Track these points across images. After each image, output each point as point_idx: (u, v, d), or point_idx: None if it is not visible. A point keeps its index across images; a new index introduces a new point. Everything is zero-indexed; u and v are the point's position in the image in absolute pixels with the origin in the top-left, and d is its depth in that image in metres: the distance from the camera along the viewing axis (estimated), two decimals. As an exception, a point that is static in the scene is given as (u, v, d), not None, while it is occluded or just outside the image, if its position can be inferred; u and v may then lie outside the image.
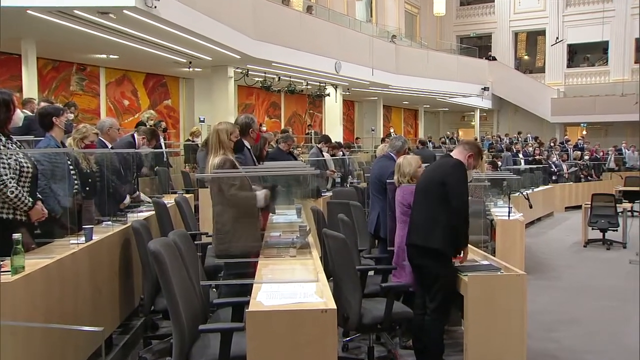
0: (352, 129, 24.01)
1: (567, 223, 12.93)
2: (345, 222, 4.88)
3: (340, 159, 10.56)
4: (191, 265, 3.43)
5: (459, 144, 4.24)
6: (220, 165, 4.07)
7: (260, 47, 12.66)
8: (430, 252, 3.93)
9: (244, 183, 4.11)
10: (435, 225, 3.91)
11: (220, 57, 12.16)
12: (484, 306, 3.72)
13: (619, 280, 7.58)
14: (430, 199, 3.98)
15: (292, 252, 4.07)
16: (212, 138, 4.25)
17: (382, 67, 18.12)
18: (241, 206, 4.05)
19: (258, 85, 15.53)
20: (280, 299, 2.93)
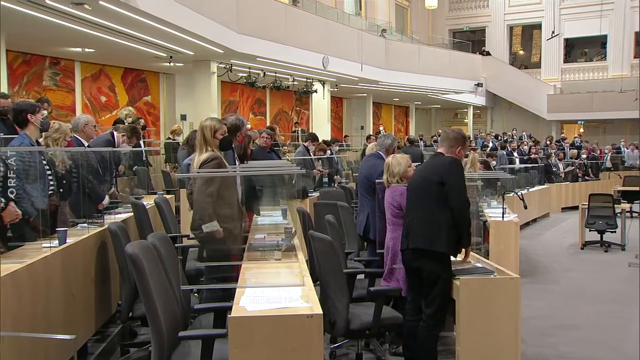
0: (341, 127, 24.05)
1: (563, 224, 13.02)
2: (332, 224, 4.89)
3: (328, 158, 10.57)
4: (171, 269, 3.42)
5: (441, 141, 4.25)
6: (206, 161, 4.08)
7: (244, 41, 12.63)
8: (434, 254, 3.94)
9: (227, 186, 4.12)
10: (440, 228, 3.91)
11: (203, 51, 12.13)
12: (476, 311, 3.75)
13: (617, 284, 7.64)
14: (429, 201, 3.98)
15: (277, 255, 4.08)
16: (197, 136, 4.25)
17: (371, 62, 18.16)
18: (200, 214, 4.07)
19: (242, 81, 15.51)
20: (264, 303, 2.93)
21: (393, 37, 22.65)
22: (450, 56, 22.90)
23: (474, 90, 23.79)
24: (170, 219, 6.07)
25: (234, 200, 4.25)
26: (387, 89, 20.65)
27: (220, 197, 4.15)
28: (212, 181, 4.07)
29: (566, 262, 9.01)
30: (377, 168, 5.30)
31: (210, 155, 4.13)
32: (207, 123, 4.30)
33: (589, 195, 10.26)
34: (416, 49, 21.66)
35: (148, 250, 3.14)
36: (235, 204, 4.24)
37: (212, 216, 4.08)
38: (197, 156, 4.20)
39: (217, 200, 4.12)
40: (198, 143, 4.25)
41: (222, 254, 4.11)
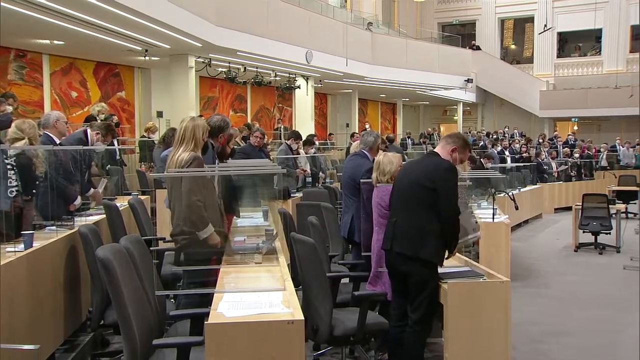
0: (325, 124, 24.08)
1: (556, 226, 13.14)
2: (315, 226, 4.90)
3: (311, 157, 10.59)
4: (145, 273, 3.41)
5: (441, 139, 4.26)
6: (189, 162, 4.06)
7: (223, 34, 12.59)
8: (420, 260, 3.95)
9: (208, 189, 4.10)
10: (426, 235, 3.92)
11: (180, 45, 12.07)
12: (465, 316, 3.77)
13: (612, 288, 7.73)
14: (418, 205, 3.99)
15: (257, 259, 4.08)
16: (184, 132, 4.20)
17: (357, 57, 18.19)
18: (193, 220, 4.04)
19: (222, 76, 15.44)
20: (243, 309, 2.94)
21: (380, 30, 22.69)
22: (439, 51, 22.99)
23: (464, 86, 23.90)
24: (145, 221, 6.04)
25: (215, 202, 4.23)
26: (374, 84, 20.69)
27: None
28: (201, 183, 4.04)
29: (559, 265, 9.10)
30: (361, 168, 5.31)
31: (193, 155, 4.10)
32: (201, 123, 4.28)
33: (583, 196, 10.32)
34: (404, 43, 21.73)
35: (121, 254, 3.13)
36: (215, 206, 4.23)
37: (207, 220, 4.06)
38: (177, 154, 4.16)
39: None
40: (182, 140, 4.20)
41: (200, 258, 4.10)
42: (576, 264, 9.19)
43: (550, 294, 7.39)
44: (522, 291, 7.23)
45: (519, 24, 30.29)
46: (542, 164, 15.69)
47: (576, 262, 9.33)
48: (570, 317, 6.38)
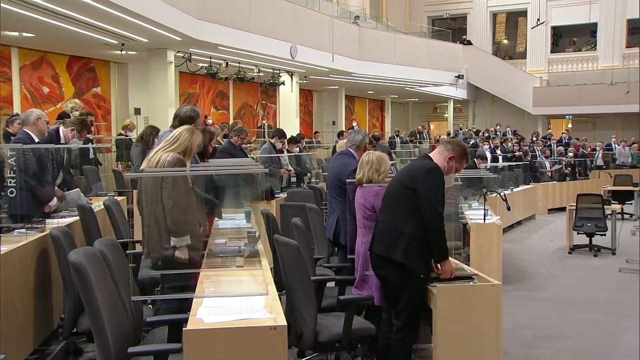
0: (311, 122, 24.09)
1: (550, 227, 13.23)
2: (299, 227, 4.90)
3: (296, 156, 10.59)
4: (121, 278, 3.39)
5: (440, 143, 4.25)
6: (172, 164, 4.03)
7: (204, 27, 12.56)
8: (394, 263, 3.97)
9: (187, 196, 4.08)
10: (399, 235, 3.93)
11: (158, 38, 12.02)
12: (455, 320, 3.79)
13: (607, 291, 7.78)
14: (396, 204, 4.03)
15: (239, 262, 4.08)
16: (180, 138, 4.17)
17: (343, 52, 18.21)
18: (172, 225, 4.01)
19: (202, 72, 15.40)
20: (224, 315, 2.94)
21: (367, 24, 22.73)
22: (429, 45, 23.07)
23: (455, 83, 24.00)
24: (122, 223, 6.01)
25: (193, 205, 4.22)
26: (361, 81, 20.73)
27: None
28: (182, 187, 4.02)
29: (552, 268, 9.16)
30: (347, 167, 5.32)
31: (176, 157, 4.07)
32: (199, 139, 4.29)
33: (577, 196, 10.38)
34: (392, 38, 21.78)
35: (94, 257, 3.11)
36: (194, 210, 4.21)
37: (186, 229, 4.01)
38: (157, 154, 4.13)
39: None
40: (174, 142, 4.16)
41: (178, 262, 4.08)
42: (570, 267, 9.26)
43: (543, 297, 7.44)
44: (514, 294, 7.27)
45: (511, 17, 30.47)
46: (535, 163, 15.78)
47: (570, 265, 9.40)
48: (564, 321, 6.43)
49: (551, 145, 18.75)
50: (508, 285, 7.50)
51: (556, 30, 29.13)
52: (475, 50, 27.60)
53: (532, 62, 28.72)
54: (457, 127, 25.37)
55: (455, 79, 23.70)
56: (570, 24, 28.37)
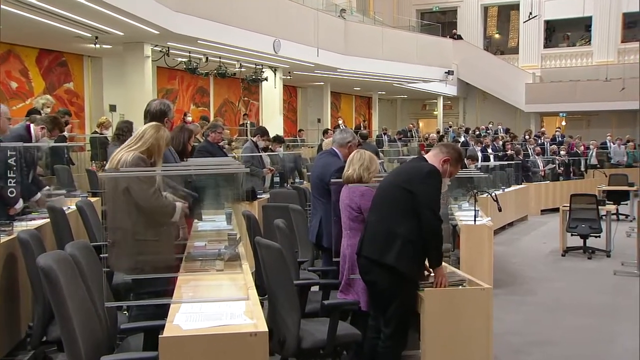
0: (295, 120, 24.09)
1: (542, 228, 13.32)
2: (282, 229, 4.89)
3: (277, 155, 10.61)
4: (94, 283, 3.37)
5: (435, 146, 4.27)
6: (133, 165, 4.01)
7: (183, 20, 12.52)
8: (386, 267, 3.97)
9: None
10: (393, 238, 3.94)
11: (134, 31, 11.97)
12: (443, 326, 3.81)
13: (602, 295, 7.83)
14: (393, 207, 4.02)
15: (218, 265, 4.07)
16: (145, 135, 4.15)
17: (329, 46, 18.23)
18: (154, 216, 4.03)
19: (181, 67, 15.37)
20: (202, 321, 2.93)
21: (353, 18, 22.76)
22: (418, 40, 23.16)
23: (444, 79, 24.12)
24: (95, 225, 5.95)
25: None
26: (347, 76, 20.75)
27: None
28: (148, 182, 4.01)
29: (545, 271, 9.22)
30: (330, 167, 5.32)
31: (138, 157, 4.05)
32: (165, 135, 4.26)
33: (571, 196, 10.43)
34: (379, 32, 21.83)
35: (66, 261, 3.08)
36: None
37: (171, 206, 4.10)
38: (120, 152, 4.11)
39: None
40: (139, 140, 4.15)
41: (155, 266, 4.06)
42: (563, 269, 9.31)
43: (535, 301, 7.47)
44: (505, 299, 7.31)
45: (503, 11, 30.63)
46: (527, 162, 15.86)
47: (563, 267, 9.46)
48: (556, 326, 6.46)
49: (544, 144, 18.86)
50: (499, 289, 7.54)
51: (549, 25, 29.28)
52: (466, 45, 27.71)
53: (524, 58, 28.85)
54: (447, 124, 25.43)
55: (445, 75, 23.81)
56: (564, 18, 28.54)
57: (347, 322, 4.55)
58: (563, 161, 17.40)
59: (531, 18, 25.31)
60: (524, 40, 29.00)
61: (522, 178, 15.26)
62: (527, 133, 20.93)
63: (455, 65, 25.89)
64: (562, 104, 25.96)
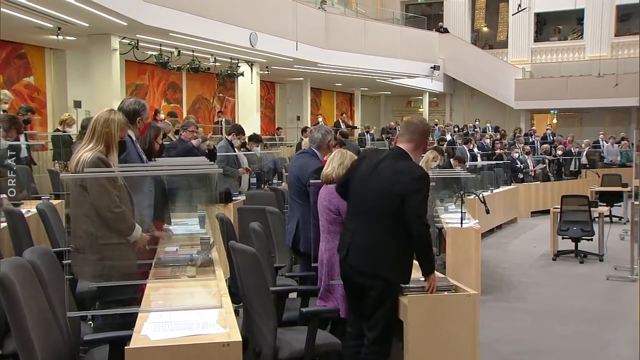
0: (273, 117, 24.07)
1: (533, 231, 13.41)
2: (258, 233, 4.88)
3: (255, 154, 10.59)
4: (55, 292, 3.33)
5: (409, 133, 4.15)
6: (91, 166, 3.98)
7: (152, 11, 12.44)
8: (378, 277, 3.99)
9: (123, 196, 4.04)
10: (391, 250, 3.96)
11: (100, 22, 11.88)
12: (427, 334, 3.81)
13: (594, 301, 7.91)
14: (384, 216, 3.99)
15: (190, 272, 4.07)
16: (96, 126, 4.13)
17: (308, 40, 18.22)
18: (113, 229, 4.03)
19: (152, 60, 15.28)
20: (172, 331, 2.93)
21: (335, 10, 22.80)
22: (402, 33, 23.23)
23: (430, 74, 24.19)
24: (58, 229, 5.90)
25: (129, 204, 4.17)
26: (328, 72, 20.76)
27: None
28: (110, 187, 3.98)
29: (535, 276, 9.29)
30: (308, 168, 5.32)
31: (96, 157, 4.01)
32: (117, 118, 4.20)
33: (562, 197, 10.52)
34: (362, 25, 21.86)
35: (24, 269, 3.05)
36: (130, 207, 4.16)
37: (132, 223, 4.07)
38: (82, 151, 4.08)
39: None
40: (92, 135, 4.12)
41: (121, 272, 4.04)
42: (554, 274, 9.39)
43: (525, 308, 7.52)
44: (493, 305, 7.34)
45: (492, 3, 30.80)
46: (515, 162, 15.93)
47: (554, 272, 9.53)
48: (547, 334, 6.50)
49: (534, 143, 18.98)
50: (487, 295, 7.59)
51: (540, 17, 29.45)
52: (453, 38, 27.82)
53: (514, 52, 29.02)
54: (433, 122, 25.52)
55: (430, 70, 23.88)
56: (554, 11, 28.70)
57: (326, 330, 4.55)
58: (555, 161, 17.48)
59: (520, 10, 25.50)
60: (513, 34, 29.14)
61: (512, 179, 15.34)
62: (516, 131, 21.04)
63: (442, 60, 26.00)
64: (553, 101, 26.10)
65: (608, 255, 10.15)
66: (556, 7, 28.36)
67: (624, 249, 9.80)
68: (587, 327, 6.73)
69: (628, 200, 13.66)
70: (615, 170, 17.55)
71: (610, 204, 13.70)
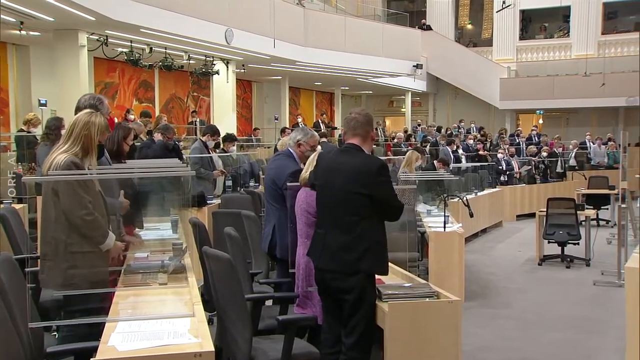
0: (250, 117, 24.03)
1: (518, 235, 13.52)
2: (233, 238, 4.85)
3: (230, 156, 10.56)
4: (17, 301, 3.30)
5: (352, 129, 4.23)
6: (65, 169, 3.94)
7: (122, 6, 12.36)
8: (358, 274, 4.02)
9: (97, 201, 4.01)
10: (366, 246, 4.02)
11: (67, 17, 11.79)
12: (408, 342, 3.82)
13: (581, 307, 7.98)
14: (354, 215, 4.04)
15: (161, 279, 4.05)
16: (75, 127, 4.08)
17: (287, 37, 18.21)
18: (85, 236, 3.99)
19: (122, 58, 15.18)
20: (141, 341, 2.92)
21: (314, 6, 22.82)
22: (384, 31, 23.28)
23: (413, 73, 24.26)
24: (20, 235, 5.84)
25: (103, 211, 4.14)
26: (307, 70, 20.77)
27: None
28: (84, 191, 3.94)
29: (521, 281, 9.34)
30: (285, 170, 5.32)
31: (69, 161, 3.98)
32: (98, 120, 4.17)
33: (548, 200, 10.60)
34: (342, 22, 21.89)
35: (-17, 276, 3.01)
36: (104, 214, 4.13)
37: (105, 230, 4.05)
38: (55, 153, 4.04)
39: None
40: (69, 136, 4.07)
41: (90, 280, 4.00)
42: (540, 280, 9.45)
43: (510, 314, 7.55)
44: (477, 312, 7.36)
45: (476, 0, 31.00)
46: (500, 163, 16.01)
47: (540, 278, 9.60)
48: (533, 341, 6.55)
49: (520, 144, 19.09)
50: (471, 301, 7.62)
51: (525, 15, 29.63)
52: (436, 36, 27.93)
53: (499, 50, 29.18)
54: (416, 123, 25.62)
55: (413, 68, 23.95)
56: (540, 8, 28.88)
57: (304, 339, 4.54)
58: (540, 162, 17.58)
59: (505, 7, 25.62)
60: (498, 32, 29.29)
61: (496, 181, 15.42)
62: (501, 132, 21.14)
63: (425, 59, 26.08)
64: (539, 101, 26.21)
65: (595, 259, 10.25)
66: (542, 4, 28.55)
67: (611, 253, 9.93)
68: (573, 334, 6.78)
69: (615, 203, 13.81)
70: (603, 172, 17.70)
71: (597, 206, 13.83)
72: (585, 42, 27.30)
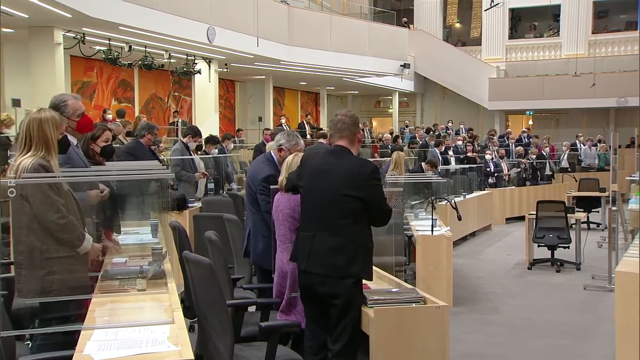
0: (233, 118, 23.99)
1: (507, 239, 13.56)
2: (214, 242, 4.84)
3: (214, 158, 10.52)
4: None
5: (338, 131, 4.26)
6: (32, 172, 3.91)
7: (100, 2, 12.30)
8: (348, 279, 4.04)
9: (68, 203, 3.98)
10: (355, 251, 4.06)
11: (41, 14, 11.73)
12: (394, 348, 3.82)
13: (571, 312, 8.01)
14: (344, 218, 4.06)
15: (140, 285, 4.05)
16: (29, 130, 4.05)
17: (270, 36, 18.20)
18: (60, 241, 3.96)
19: (100, 56, 15.11)
20: (118, 349, 2.91)
21: (298, 3, 22.83)
22: (371, 29, 23.31)
23: (400, 73, 24.31)
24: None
25: (77, 213, 4.11)
26: (291, 70, 20.76)
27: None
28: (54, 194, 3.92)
29: (510, 286, 9.37)
30: (259, 174, 5.34)
31: (36, 163, 3.95)
32: (48, 115, 4.11)
33: (537, 203, 10.63)
34: (327, 20, 21.92)
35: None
36: (78, 217, 4.11)
37: (81, 233, 4.03)
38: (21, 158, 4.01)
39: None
40: (28, 140, 4.04)
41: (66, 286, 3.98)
42: (530, 284, 9.48)
43: (499, 320, 7.57)
44: (466, 317, 7.37)
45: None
46: (487, 165, 16.05)
47: (530, 282, 9.63)
48: (522, 347, 6.57)
49: (510, 145, 19.16)
50: (459, 306, 7.63)
51: (514, 13, 29.77)
52: (424, 35, 28.00)
53: (488, 50, 29.28)
54: (404, 124, 25.66)
55: (400, 68, 24.00)
56: (530, 6, 29.03)
57: (287, 346, 4.53)
58: (530, 164, 17.63)
59: (493, 6, 25.67)
60: (487, 31, 29.38)
61: (486, 183, 15.47)
62: (491, 133, 21.19)
63: (412, 58, 26.12)
64: (529, 101, 26.27)
65: (585, 263, 10.28)
66: (531, 2, 28.71)
67: (602, 257, 9.96)
68: (563, 340, 6.81)
69: (606, 205, 13.88)
70: (593, 174, 17.73)
71: (587, 209, 13.91)
72: (576, 41, 27.47)
